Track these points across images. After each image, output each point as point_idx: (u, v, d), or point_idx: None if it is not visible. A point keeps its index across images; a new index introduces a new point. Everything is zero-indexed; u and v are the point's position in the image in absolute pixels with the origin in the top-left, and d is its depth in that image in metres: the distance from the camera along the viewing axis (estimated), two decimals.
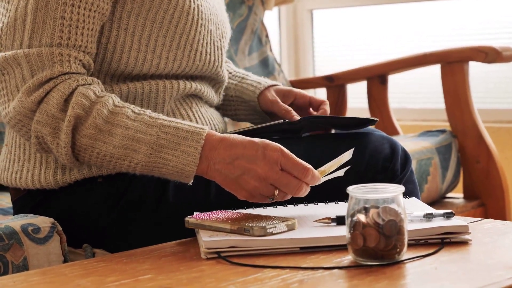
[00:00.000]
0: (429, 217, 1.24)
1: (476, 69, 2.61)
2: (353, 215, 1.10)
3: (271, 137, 1.46)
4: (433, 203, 2.33)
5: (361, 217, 1.09)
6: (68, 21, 1.35)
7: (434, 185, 2.32)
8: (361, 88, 2.75)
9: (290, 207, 1.37)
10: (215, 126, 1.56)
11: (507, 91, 3.10)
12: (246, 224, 1.22)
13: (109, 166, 1.33)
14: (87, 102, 1.31)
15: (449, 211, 1.25)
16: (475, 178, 2.43)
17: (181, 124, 1.31)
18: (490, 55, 2.38)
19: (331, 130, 1.56)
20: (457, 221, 1.22)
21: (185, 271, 1.12)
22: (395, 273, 1.07)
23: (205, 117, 1.54)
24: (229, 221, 1.24)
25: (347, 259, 1.14)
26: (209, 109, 1.58)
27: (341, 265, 1.12)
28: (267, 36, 2.74)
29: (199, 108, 1.54)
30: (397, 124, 2.67)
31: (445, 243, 1.19)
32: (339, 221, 1.24)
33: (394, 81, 2.73)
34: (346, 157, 1.30)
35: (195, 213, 1.31)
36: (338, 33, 3.50)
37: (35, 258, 1.35)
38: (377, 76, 2.64)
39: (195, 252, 1.22)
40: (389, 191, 1.10)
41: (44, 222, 1.39)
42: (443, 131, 2.46)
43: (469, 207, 2.39)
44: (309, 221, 1.27)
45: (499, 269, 1.06)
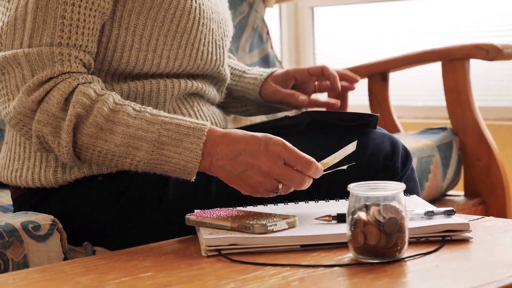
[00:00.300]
0: (430, 215, 1.24)
1: (477, 66, 2.61)
2: (354, 213, 1.10)
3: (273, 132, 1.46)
4: (433, 201, 2.33)
5: (362, 215, 1.09)
6: (68, 21, 1.34)
7: (434, 182, 2.32)
8: (362, 85, 2.74)
9: (290, 205, 1.37)
10: (217, 124, 1.56)
11: (508, 89, 3.10)
12: (246, 221, 1.21)
13: (111, 164, 1.32)
14: (87, 100, 1.31)
15: (450, 209, 1.25)
16: (476, 176, 2.43)
17: (182, 120, 1.31)
18: (491, 53, 2.38)
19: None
20: (458, 219, 1.22)
21: (186, 269, 1.12)
22: (395, 271, 1.07)
23: (206, 116, 1.54)
24: (230, 218, 1.24)
25: (347, 257, 1.14)
26: (211, 108, 1.57)
27: (341, 263, 1.11)
28: (268, 33, 2.73)
29: (201, 107, 1.54)
30: (398, 121, 2.66)
31: (446, 241, 1.19)
32: (340, 218, 1.24)
33: (395, 78, 2.72)
34: (349, 149, 1.29)
35: (196, 211, 1.31)
36: (339, 31, 3.50)
37: (35, 255, 1.35)
38: (378, 73, 2.64)
39: (196, 249, 1.22)
40: (390, 189, 1.10)
41: (44, 219, 1.38)
42: (444, 129, 2.46)
43: (470, 205, 2.39)
44: (310, 219, 1.27)
45: (500, 267, 1.06)
